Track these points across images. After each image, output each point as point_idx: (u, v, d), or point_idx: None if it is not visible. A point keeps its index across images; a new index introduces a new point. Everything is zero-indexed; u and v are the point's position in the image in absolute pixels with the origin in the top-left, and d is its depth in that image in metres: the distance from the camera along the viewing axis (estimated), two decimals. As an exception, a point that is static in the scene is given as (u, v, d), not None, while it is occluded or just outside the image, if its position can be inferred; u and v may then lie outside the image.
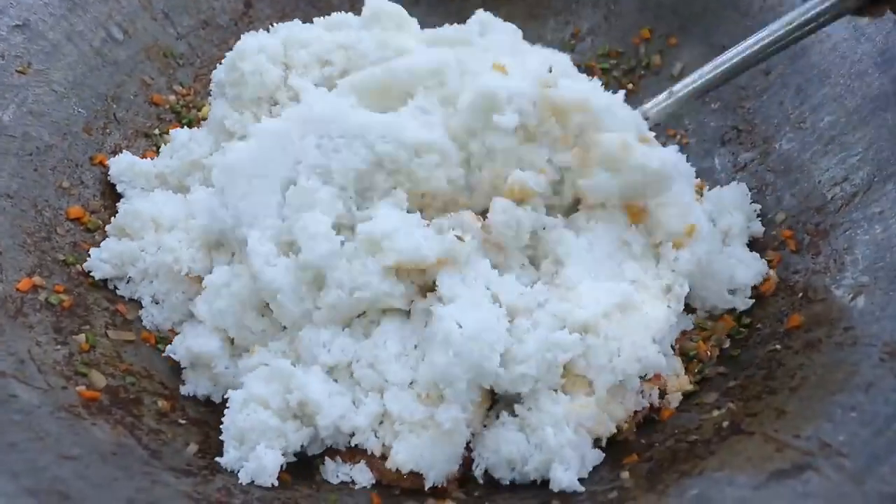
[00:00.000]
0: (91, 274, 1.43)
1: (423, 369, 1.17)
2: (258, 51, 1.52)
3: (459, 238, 1.22)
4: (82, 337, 1.31)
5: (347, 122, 1.28)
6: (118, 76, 1.69)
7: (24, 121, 1.49)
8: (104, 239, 1.49)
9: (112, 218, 1.52)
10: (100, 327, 1.36)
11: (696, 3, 1.78)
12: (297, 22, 1.64)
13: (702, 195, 1.54)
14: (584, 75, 1.57)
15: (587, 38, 1.96)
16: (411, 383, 1.18)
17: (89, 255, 1.44)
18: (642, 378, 1.25)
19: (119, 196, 1.59)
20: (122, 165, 1.58)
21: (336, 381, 1.22)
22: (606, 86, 1.83)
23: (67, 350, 1.27)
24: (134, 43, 1.73)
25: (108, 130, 1.64)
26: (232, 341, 1.33)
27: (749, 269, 1.41)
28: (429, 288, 1.25)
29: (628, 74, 1.90)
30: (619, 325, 1.20)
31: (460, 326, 1.12)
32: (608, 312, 1.20)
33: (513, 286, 1.23)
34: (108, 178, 1.58)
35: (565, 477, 1.12)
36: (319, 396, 1.16)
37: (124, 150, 1.62)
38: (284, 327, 1.29)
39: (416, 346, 1.21)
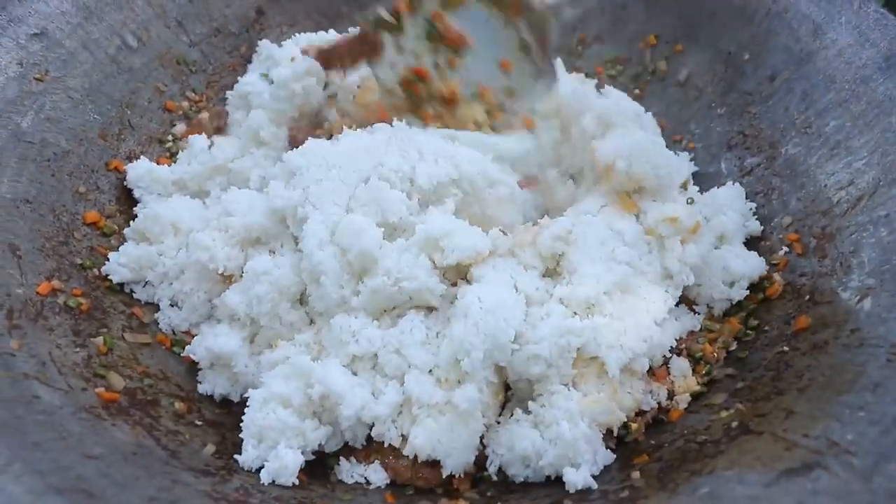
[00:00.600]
0: (109, 277, 1.46)
1: (444, 347, 1.22)
2: (305, 73, 1.62)
3: (503, 232, 1.37)
4: (100, 340, 1.33)
5: (435, 142, 1.41)
6: (133, 83, 1.72)
7: (42, 127, 1.52)
8: (121, 243, 1.51)
9: (130, 222, 1.54)
10: (117, 330, 1.39)
11: (703, 9, 1.80)
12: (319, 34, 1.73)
13: (686, 188, 1.58)
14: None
15: (593, 44, 1.98)
16: (432, 370, 1.22)
17: (107, 259, 1.47)
18: (651, 368, 1.29)
19: (135, 201, 1.61)
20: (140, 171, 1.61)
21: (355, 373, 1.25)
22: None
23: (86, 352, 1.29)
24: (148, 50, 1.76)
25: (122, 136, 1.67)
26: (252, 340, 1.36)
27: (746, 262, 1.45)
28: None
29: (634, 80, 1.92)
30: (621, 304, 1.27)
31: (481, 301, 1.21)
32: (609, 291, 1.28)
33: (532, 280, 1.31)
34: (125, 183, 1.61)
35: (579, 477, 1.14)
36: (341, 388, 1.19)
37: (141, 156, 1.66)
38: (311, 322, 1.33)
39: (438, 334, 1.26)
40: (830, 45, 1.55)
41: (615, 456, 1.23)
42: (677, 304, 1.41)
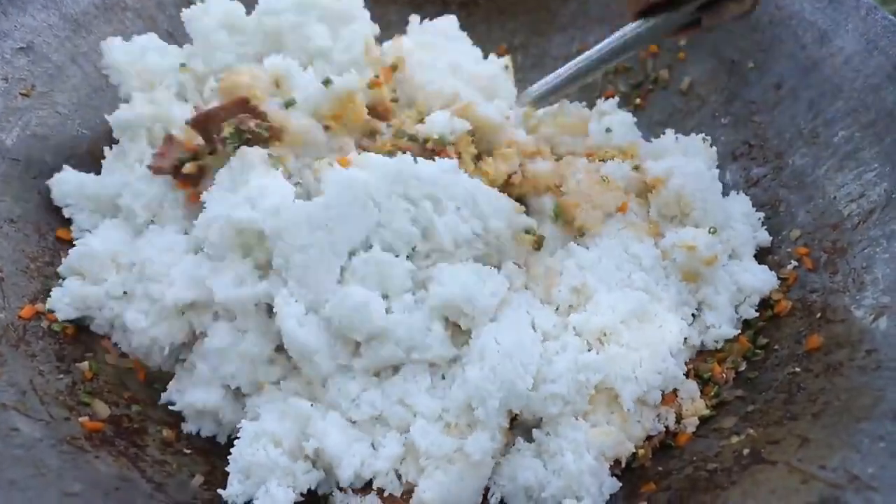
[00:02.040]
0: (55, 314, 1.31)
1: (456, 390, 1.15)
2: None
3: (517, 265, 1.31)
4: (86, 365, 1.28)
5: (450, 180, 1.19)
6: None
7: (28, 143, 1.48)
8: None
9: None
10: (103, 354, 1.34)
11: (705, 17, 1.76)
12: None
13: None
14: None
15: (594, 53, 1.93)
16: (440, 417, 1.16)
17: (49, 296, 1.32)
18: (662, 393, 1.24)
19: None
20: (67, 186, 1.44)
21: (354, 422, 1.18)
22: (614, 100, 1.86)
23: (70, 379, 1.24)
24: (138, 64, 1.72)
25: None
26: (237, 389, 1.26)
27: (756, 277, 1.40)
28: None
29: (636, 89, 1.88)
30: (638, 333, 1.22)
31: (498, 344, 1.15)
32: (625, 320, 1.23)
33: (549, 315, 1.26)
34: (51, 198, 1.45)
35: None
36: (339, 448, 1.12)
37: (64, 167, 1.49)
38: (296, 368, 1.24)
39: (444, 376, 1.20)
40: (837, 53, 1.50)
41: (620, 484, 1.18)
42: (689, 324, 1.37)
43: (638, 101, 1.85)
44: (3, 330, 1.22)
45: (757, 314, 1.39)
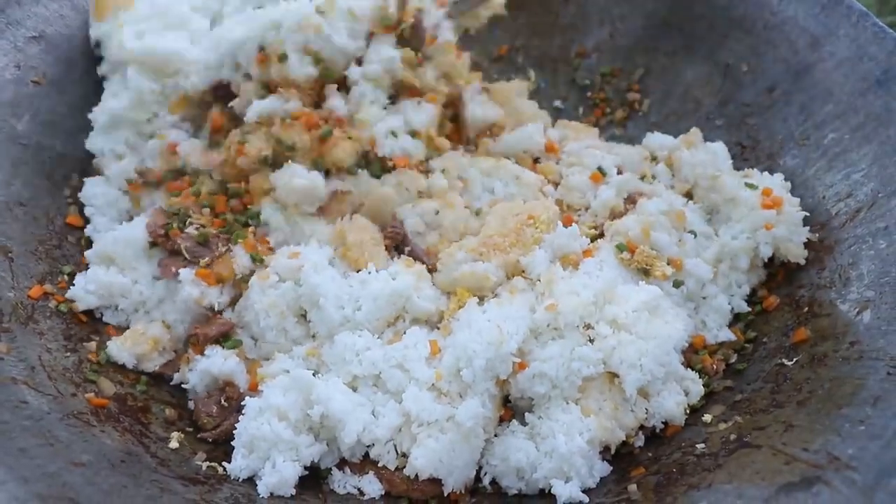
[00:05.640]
0: (75, 304, 1.35)
1: (447, 357, 1.20)
2: None
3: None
4: (93, 344, 1.31)
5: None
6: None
7: (38, 130, 1.51)
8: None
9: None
10: (107, 338, 1.36)
11: (702, 21, 1.80)
12: None
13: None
14: None
15: (592, 54, 1.98)
16: (433, 385, 1.20)
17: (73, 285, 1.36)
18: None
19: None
20: (96, 189, 1.51)
21: (355, 389, 1.23)
22: (608, 102, 1.90)
23: (77, 357, 1.27)
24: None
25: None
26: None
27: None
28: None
29: (629, 93, 1.91)
30: (648, 324, 1.24)
31: (486, 314, 1.22)
32: (638, 310, 1.25)
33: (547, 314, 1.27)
34: (78, 195, 1.51)
35: (567, 491, 1.12)
36: (342, 412, 1.16)
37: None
38: (313, 337, 1.31)
39: (441, 350, 1.24)
40: (828, 58, 1.55)
41: (611, 468, 1.21)
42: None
43: (634, 104, 1.90)
44: (13, 308, 1.25)
45: (748, 309, 1.43)
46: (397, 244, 1.42)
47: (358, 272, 1.34)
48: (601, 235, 1.45)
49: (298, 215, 1.41)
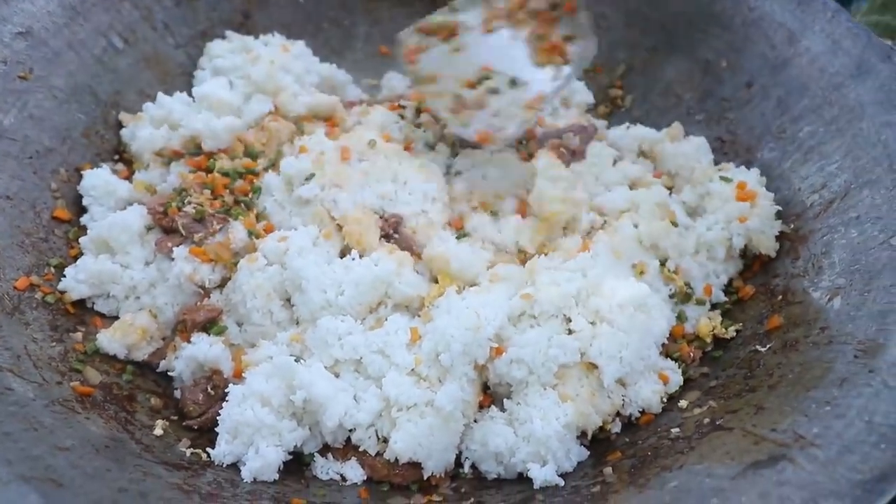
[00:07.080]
0: (67, 294, 1.37)
1: (426, 343, 1.22)
2: None
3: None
4: (79, 335, 1.33)
5: None
6: (117, 84, 1.73)
7: (25, 125, 1.52)
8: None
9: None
10: (94, 329, 1.38)
11: (682, 18, 1.83)
12: None
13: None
14: None
15: (575, 51, 2.00)
16: (412, 371, 1.22)
17: (64, 276, 1.38)
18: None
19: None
20: (96, 180, 1.52)
21: (338, 374, 1.25)
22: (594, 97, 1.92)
23: (63, 347, 1.29)
24: (133, 52, 1.77)
25: (106, 137, 1.68)
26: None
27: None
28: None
29: (612, 88, 1.94)
30: (631, 319, 1.26)
31: (465, 300, 1.25)
32: (623, 304, 1.27)
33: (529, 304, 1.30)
34: (77, 188, 1.53)
35: (542, 473, 1.15)
36: (324, 396, 1.18)
37: (102, 165, 1.59)
38: (297, 323, 1.33)
39: (422, 336, 1.26)
40: (804, 53, 1.58)
41: (589, 452, 1.24)
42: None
43: (618, 99, 1.92)
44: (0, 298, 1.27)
45: (725, 298, 1.46)
46: (387, 233, 1.44)
47: (351, 253, 1.37)
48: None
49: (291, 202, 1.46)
